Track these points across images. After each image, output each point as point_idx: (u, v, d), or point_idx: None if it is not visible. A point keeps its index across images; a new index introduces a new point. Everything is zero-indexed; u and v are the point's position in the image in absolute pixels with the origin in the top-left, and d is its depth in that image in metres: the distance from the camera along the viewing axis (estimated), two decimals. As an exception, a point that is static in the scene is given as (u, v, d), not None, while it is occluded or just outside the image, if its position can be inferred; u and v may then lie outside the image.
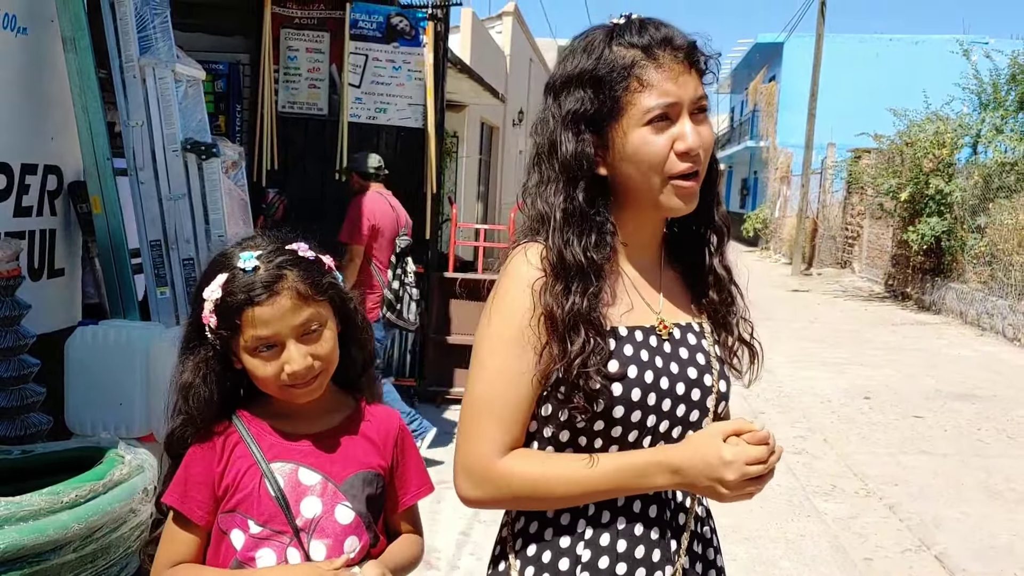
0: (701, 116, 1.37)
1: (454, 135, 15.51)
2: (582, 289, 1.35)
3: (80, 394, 3.58)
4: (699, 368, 1.43)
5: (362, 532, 1.51)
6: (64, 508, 2.20)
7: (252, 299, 1.43)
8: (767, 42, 29.63)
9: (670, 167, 1.34)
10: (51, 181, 3.96)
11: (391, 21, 6.89)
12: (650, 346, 1.40)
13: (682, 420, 1.41)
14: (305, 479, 1.49)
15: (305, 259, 1.51)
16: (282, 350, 1.45)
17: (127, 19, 3.90)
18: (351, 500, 1.51)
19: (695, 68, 1.37)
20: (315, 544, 1.47)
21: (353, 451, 1.54)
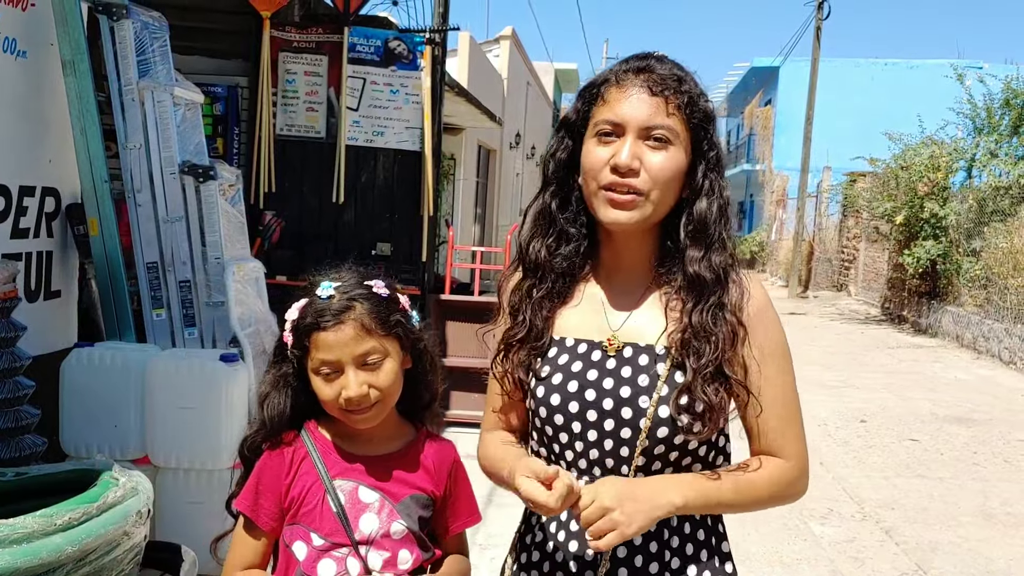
0: (656, 144, 1.43)
1: (451, 158, 15.58)
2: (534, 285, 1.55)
3: (75, 416, 3.58)
4: (636, 389, 1.46)
5: (414, 546, 1.63)
6: (57, 531, 2.19)
7: (320, 324, 1.57)
8: (763, 66, 29.79)
9: (603, 177, 1.44)
10: (48, 203, 3.98)
11: (389, 45, 6.93)
12: (589, 359, 1.50)
13: (611, 434, 1.46)
14: (364, 497, 1.61)
15: (378, 295, 1.61)
16: (343, 375, 1.56)
17: (126, 43, 3.93)
18: (405, 518, 1.62)
19: (659, 97, 1.43)
20: (372, 555, 1.59)
21: (409, 475, 1.65)
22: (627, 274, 1.54)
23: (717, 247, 1.47)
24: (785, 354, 1.52)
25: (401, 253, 7.07)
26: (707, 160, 1.47)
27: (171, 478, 3.64)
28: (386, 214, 7.12)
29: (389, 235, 7.13)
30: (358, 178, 7.03)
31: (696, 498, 1.41)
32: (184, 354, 3.81)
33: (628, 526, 1.33)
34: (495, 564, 4.36)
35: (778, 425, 1.48)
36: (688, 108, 1.44)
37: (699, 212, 1.46)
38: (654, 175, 1.43)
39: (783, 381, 1.50)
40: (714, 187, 1.48)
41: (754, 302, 1.48)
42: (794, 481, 1.50)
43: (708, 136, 1.47)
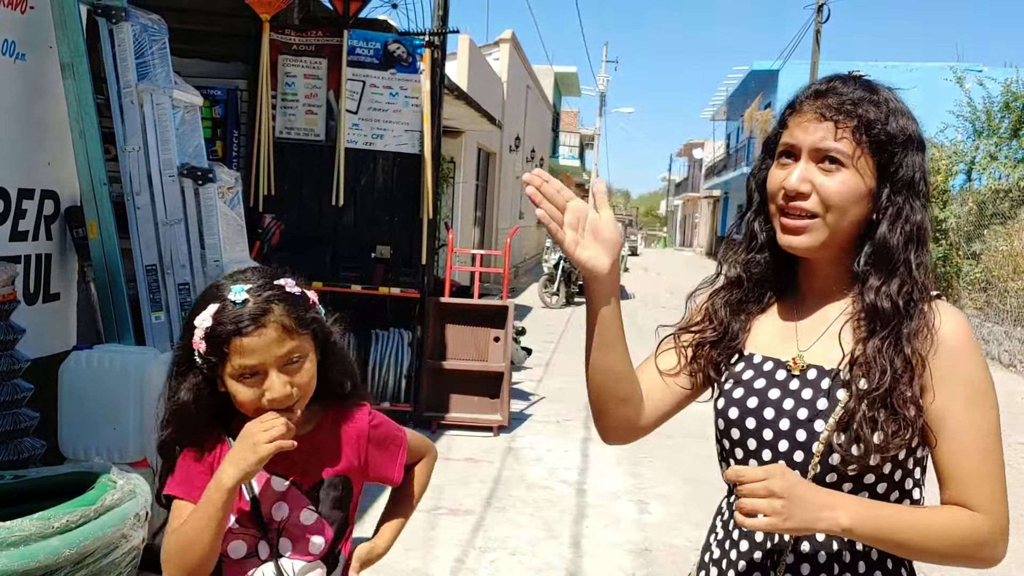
0: (829, 167, 1.42)
1: (451, 161, 15.58)
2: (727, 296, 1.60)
3: (74, 419, 3.58)
4: (814, 412, 1.43)
5: (325, 529, 1.66)
6: (55, 533, 2.19)
7: (240, 330, 1.53)
8: (762, 69, 29.80)
9: (778, 199, 1.46)
10: (48, 206, 3.98)
11: (388, 48, 6.93)
12: (774, 378, 1.50)
13: (784, 455, 1.44)
14: (276, 485, 1.65)
15: (291, 294, 1.61)
16: (264, 378, 1.55)
17: (125, 46, 3.93)
18: (315, 504, 1.66)
19: (829, 122, 1.42)
20: (283, 541, 1.64)
21: (320, 458, 1.68)
22: (820, 296, 1.52)
23: (901, 275, 1.41)
24: (984, 395, 1.39)
25: (400, 256, 7.07)
26: (893, 183, 1.42)
27: (170, 481, 3.63)
28: (385, 217, 7.12)
29: (388, 238, 7.12)
30: (357, 181, 7.03)
31: (867, 526, 1.34)
32: (183, 357, 3.80)
33: (784, 521, 1.28)
34: (495, 566, 4.38)
35: (971, 473, 1.37)
36: (864, 130, 1.41)
37: (879, 237, 1.42)
38: (825, 197, 1.42)
39: (979, 425, 1.38)
40: (900, 212, 1.42)
41: (947, 336, 1.39)
42: (986, 541, 1.36)
43: (896, 158, 1.43)
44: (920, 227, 1.42)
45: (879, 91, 1.45)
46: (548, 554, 4.58)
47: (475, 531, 4.84)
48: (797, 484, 1.31)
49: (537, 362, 10.03)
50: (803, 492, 1.31)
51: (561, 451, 6.56)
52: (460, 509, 5.11)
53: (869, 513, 1.34)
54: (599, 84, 43.16)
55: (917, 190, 1.43)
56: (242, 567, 1.63)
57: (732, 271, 1.62)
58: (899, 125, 1.43)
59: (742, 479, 1.31)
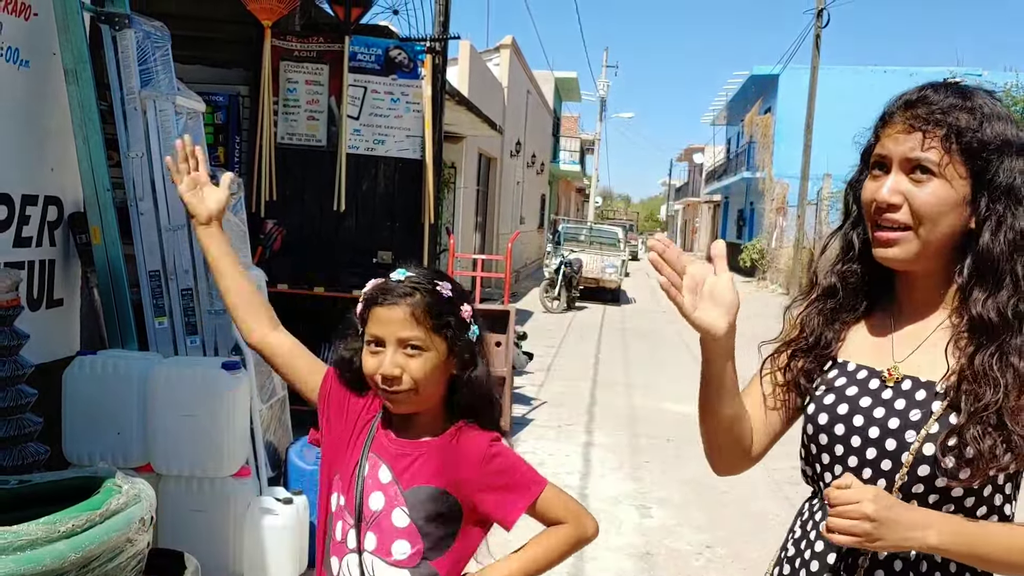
0: (921, 176, 1.42)
1: (452, 166, 15.61)
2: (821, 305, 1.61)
3: (78, 424, 3.59)
4: (906, 422, 1.43)
5: (416, 539, 1.66)
6: (61, 538, 2.19)
7: (379, 300, 1.68)
8: (763, 74, 29.85)
9: (872, 212, 1.47)
10: (51, 212, 3.99)
11: (390, 54, 6.96)
12: (867, 386, 1.50)
13: (871, 463, 1.44)
14: (381, 475, 1.70)
15: (439, 294, 1.69)
16: (384, 351, 1.66)
17: (128, 52, 3.95)
18: (410, 507, 1.67)
19: (919, 131, 1.42)
20: (369, 535, 1.68)
21: (431, 467, 1.69)
22: (917, 307, 1.52)
23: (1007, 286, 1.39)
24: None
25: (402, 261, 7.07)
26: (991, 190, 1.40)
27: (173, 486, 3.64)
28: (387, 222, 7.13)
29: (390, 243, 7.13)
30: (359, 186, 7.05)
31: (957, 545, 1.34)
32: (186, 362, 3.82)
33: (872, 542, 1.31)
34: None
35: None
36: (955, 138, 1.40)
37: (981, 247, 1.40)
38: (916, 208, 1.41)
39: None
40: (1002, 220, 1.40)
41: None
42: None
43: (993, 165, 1.40)
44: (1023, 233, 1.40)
45: (973, 97, 1.43)
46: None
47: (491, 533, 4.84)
48: (891, 507, 1.32)
49: (539, 367, 10.04)
50: (895, 515, 1.31)
51: (563, 456, 6.57)
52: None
53: (958, 531, 1.34)
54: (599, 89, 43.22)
55: (1020, 196, 1.40)
56: (340, 550, 1.71)
57: (827, 280, 1.62)
58: (994, 131, 1.41)
59: (835, 501, 1.32)
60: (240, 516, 3.68)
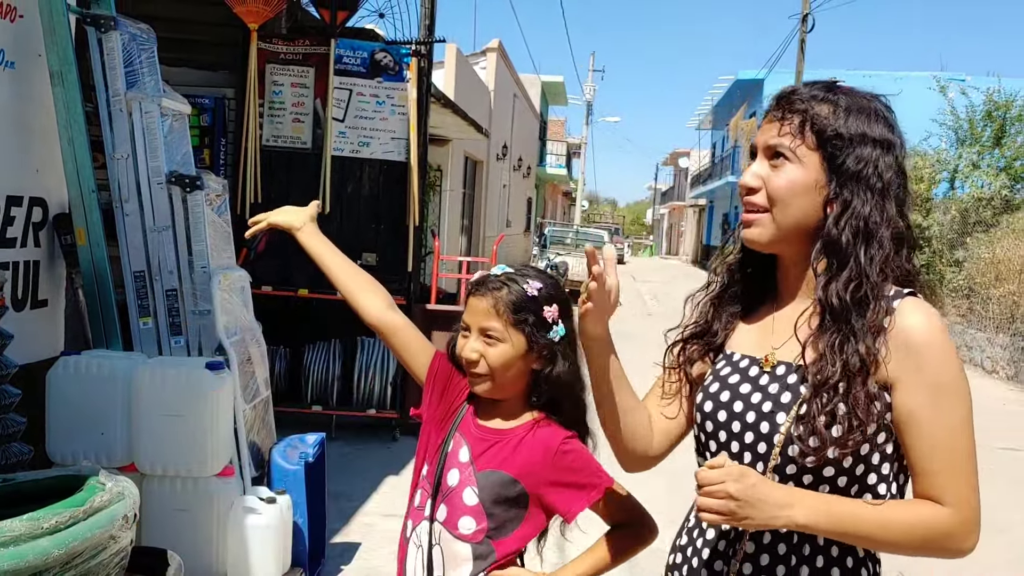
0: (778, 161, 1.49)
1: (438, 169, 15.63)
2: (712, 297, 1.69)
3: (61, 424, 3.60)
4: (778, 405, 1.47)
5: (481, 518, 1.79)
6: (44, 534, 2.21)
7: (473, 290, 1.85)
8: (748, 79, 29.99)
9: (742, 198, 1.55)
10: (36, 213, 4.00)
11: (375, 57, 6.99)
12: (747, 374, 1.56)
13: (750, 447, 1.49)
14: (462, 456, 1.84)
15: (524, 291, 1.80)
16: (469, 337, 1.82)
17: (114, 54, 3.97)
18: (480, 488, 1.79)
19: (778, 120, 1.50)
20: (441, 507, 1.82)
21: (505, 453, 1.81)
22: (793, 294, 1.56)
23: (850, 269, 1.42)
24: (954, 392, 1.40)
25: (387, 263, 7.10)
26: (840, 176, 1.44)
27: (157, 485, 3.66)
28: (372, 224, 7.16)
29: (375, 245, 7.16)
30: (344, 188, 7.07)
31: (825, 523, 1.38)
32: (170, 362, 3.83)
33: (740, 520, 1.35)
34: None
35: (938, 469, 1.39)
36: (810, 125, 1.45)
37: (826, 232, 1.45)
38: (770, 191, 1.48)
39: (945, 422, 1.39)
40: (847, 205, 1.44)
41: (911, 334, 1.40)
42: (951, 533, 1.40)
43: (844, 154, 1.44)
44: (868, 220, 1.43)
45: (838, 91, 1.49)
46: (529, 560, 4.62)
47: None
48: (755, 486, 1.35)
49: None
50: (760, 494, 1.35)
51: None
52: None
53: (827, 510, 1.38)
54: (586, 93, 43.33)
55: (869, 184, 1.44)
56: (417, 516, 1.87)
57: (717, 273, 1.69)
58: (851, 122, 1.45)
59: (702, 481, 1.36)
60: (223, 515, 3.70)
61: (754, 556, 1.49)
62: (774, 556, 1.48)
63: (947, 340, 1.42)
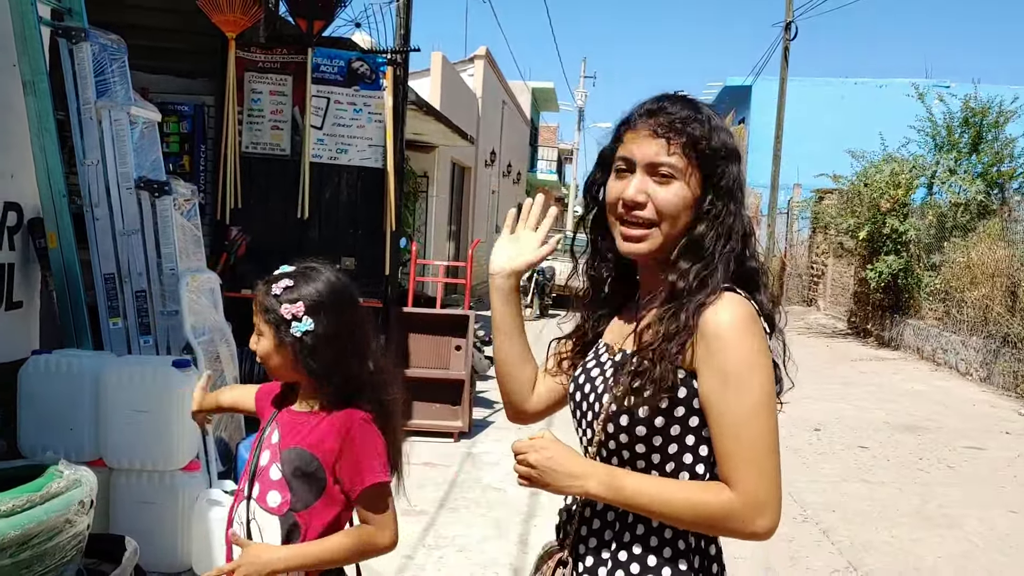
0: (661, 179, 1.57)
1: (423, 175, 15.77)
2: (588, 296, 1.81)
3: (32, 420, 3.74)
4: (605, 387, 1.63)
5: (286, 491, 1.95)
6: (1, 516, 2.36)
7: None
8: (736, 85, 30.17)
9: (616, 209, 1.62)
10: (11, 217, 4.15)
11: (352, 65, 7.13)
12: (600, 360, 1.71)
13: (590, 424, 1.65)
14: (273, 438, 2.01)
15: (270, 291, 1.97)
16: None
17: (84, 64, 4.12)
18: (282, 463, 1.96)
19: (662, 137, 1.57)
20: (255, 486, 1.98)
21: (305, 432, 1.97)
22: (649, 288, 1.68)
23: (705, 260, 1.56)
24: (748, 379, 1.48)
25: (365, 267, 7.24)
26: (715, 191, 1.58)
27: (124, 479, 3.80)
28: (350, 229, 7.29)
29: (353, 250, 7.29)
30: (322, 194, 7.21)
31: (612, 495, 1.53)
32: (138, 360, 3.98)
33: (543, 486, 1.56)
34: (443, 562, 4.56)
35: (727, 454, 1.47)
36: (693, 146, 1.56)
37: (696, 233, 1.57)
38: (659, 207, 1.57)
39: (735, 410, 1.47)
40: (718, 214, 1.57)
41: (712, 324, 1.50)
42: (735, 515, 1.47)
43: (718, 169, 1.58)
44: (732, 228, 1.60)
45: (702, 109, 1.62)
46: (495, 551, 4.77)
47: (426, 530, 5.03)
48: (552, 458, 1.55)
49: (504, 372, 10.21)
50: (555, 464, 1.55)
51: (519, 456, 6.74)
52: (413, 511, 5.28)
53: (615, 484, 1.53)
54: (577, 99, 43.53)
55: (734, 196, 1.60)
56: (238, 497, 2.03)
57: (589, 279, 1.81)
58: (720, 140, 1.60)
59: (515, 450, 1.58)
60: (188, 508, 3.84)
61: (589, 518, 1.68)
62: (603, 521, 1.66)
63: (744, 332, 1.50)
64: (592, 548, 1.65)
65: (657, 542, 1.58)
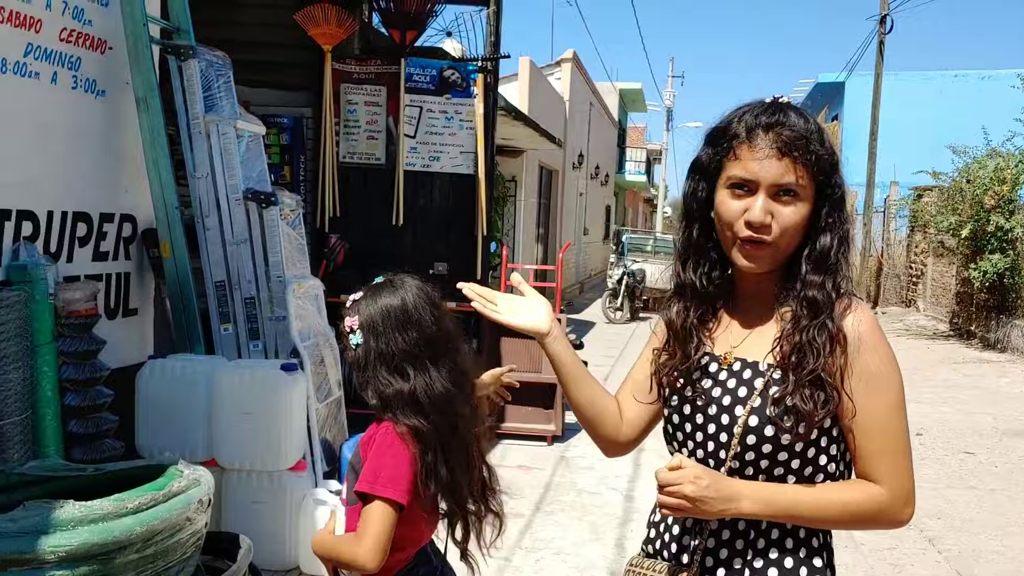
0: (786, 199, 1.58)
1: (512, 179, 15.87)
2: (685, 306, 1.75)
3: (149, 421, 3.92)
4: (735, 399, 1.63)
5: (346, 484, 2.15)
6: (128, 513, 2.48)
7: None
8: (828, 81, 29.53)
9: (737, 229, 1.60)
10: (126, 228, 4.36)
11: (444, 74, 7.26)
12: (708, 370, 1.70)
13: (712, 437, 1.64)
14: None
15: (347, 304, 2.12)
16: None
17: (193, 80, 4.30)
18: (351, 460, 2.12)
19: (788, 157, 1.57)
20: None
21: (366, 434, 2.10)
22: (753, 299, 1.71)
23: (833, 273, 1.60)
24: (889, 382, 1.58)
25: (457, 272, 7.34)
26: (831, 202, 1.60)
27: (235, 479, 3.95)
28: (442, 235, 7.43)
29: (445, 255, 7.42)
30: (416, 201, 7.36)
31: (768, 511, 1.56)
32: (247, 364, 4.12)
33: (694, 512, 1.54)
34: (540, 565, 4.60)
35: (875, 450, 1.56)
36: (815, 165, 1.58)
37: (822, 246, 1.60)
38: (783, 227, 1.58)
39: (884, 408, 1.57)
40: (835, 223, 1.61)
41: (860, 327, 1.58)
42: (885, 508, 1.56)
43: (832, 181, 1.60)
44: (848, 235, 1.63)
45: (811, 118, 1.62)
46: (592, 555, 4.79)
47: (523, 533, 5.08)
48: (708, 486, 1.52)
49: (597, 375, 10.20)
50: (712, 491, 1.52)
51: (612, 460, 6.73)
52: (510, 513, 5.30)
53: (769, 500, 1.56)
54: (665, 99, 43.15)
55: (843, 204, 1.63)
56: None
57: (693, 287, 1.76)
58: (827, 150, 1.60)
59: (662, 482, 1.54)
60: (296, 507, 3.96)
61: (717, 531, 1.66)
62: (734, 531, 1.65)
63: (880, 334, 1.60)
64: (723, 560, 1.65)
65: (793, 543, 1.62)
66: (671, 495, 1.53)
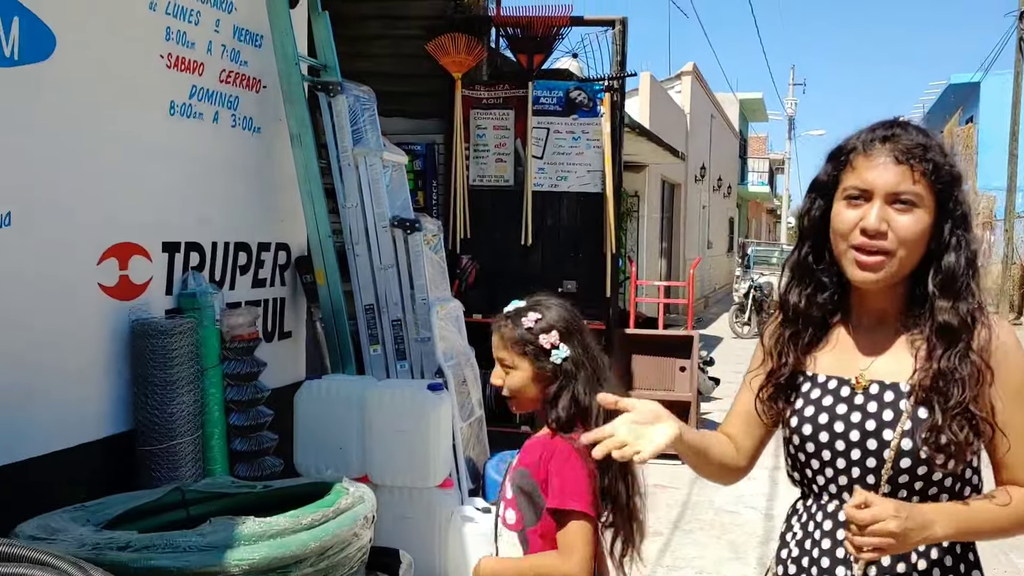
0: (902, 207, 1.56)
1: (635, 195, 15.86)
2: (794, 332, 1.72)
3: (306, 440, 4.12)
4: (881, 423, 1.60)
5: (517, 511, 2.09)
6: (303, 529, 2.65)
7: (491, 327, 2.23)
8: (962, 82, 28.33)
9: (852, 238, 1.59)
10: (281, 256, 4.61)
11: (570, 95, 7.36)
12: (839, 394, 1.66)
13: (858, 463, 1.61)
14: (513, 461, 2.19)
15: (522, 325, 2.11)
16: None
17: (342, 116, 4.52)
18: (512, 483, 2.12)
19: (904, 165, 1.57)
20: (500, 504, 2.15)
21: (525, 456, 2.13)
22: (875, 319, 1.68)
23: (964, 296, 1.58)
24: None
25: (586, 290, 7.41)
26: (954, 218, 1.58)
27: (387, 495, 4.10)
28: (571, 253, 7.50)
29: (574, 273, 7.49)
30: (544, 221, 7.46)
31: (957, 531, 1.53)
32: (397, 384, 4.30)
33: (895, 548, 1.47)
34: (681, 582, 4.62)
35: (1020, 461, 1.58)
36: (933, 174, 1.56)
37: (947, 266, 1.58)
38: (901, 236, 1.56)
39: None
40: (961, 242, 1.58)
41: (1001, 344, 1.58)
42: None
43: (954, 196, 1.58)
44: (975, 255, 1.61)
45: (931, 135, 1.62)
46: (734, 574, 4.76)
47: (663, 551, 5.09)
48: (908, 517, 1.47)
49: (726, 392, 10.07)
50: (912, 523, 1.46)
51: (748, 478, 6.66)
52: (648, 531, 5.35)
53: (955, 520, 1.54)
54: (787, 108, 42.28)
55: (968, 223, 1.61)
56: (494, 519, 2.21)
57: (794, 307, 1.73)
58: (953, 167, 1.60)
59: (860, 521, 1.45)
60: (444, 523, 4.09)
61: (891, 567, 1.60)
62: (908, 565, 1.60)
63: (1020, 348, 1.61)
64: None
65: (952, 561, 1.61)
66: (874, 534, 1.45)
